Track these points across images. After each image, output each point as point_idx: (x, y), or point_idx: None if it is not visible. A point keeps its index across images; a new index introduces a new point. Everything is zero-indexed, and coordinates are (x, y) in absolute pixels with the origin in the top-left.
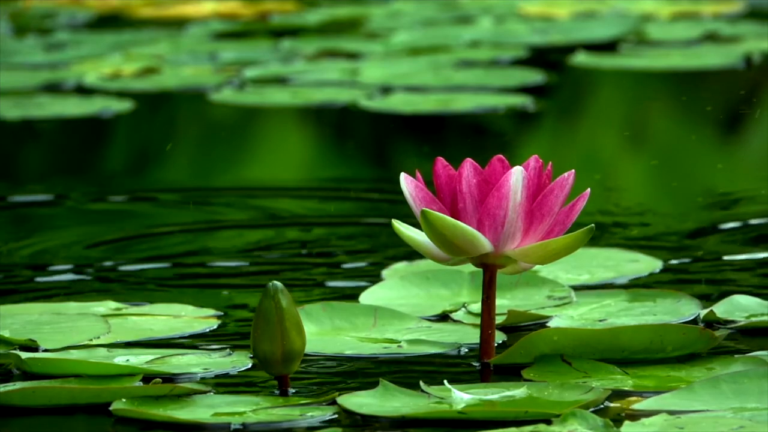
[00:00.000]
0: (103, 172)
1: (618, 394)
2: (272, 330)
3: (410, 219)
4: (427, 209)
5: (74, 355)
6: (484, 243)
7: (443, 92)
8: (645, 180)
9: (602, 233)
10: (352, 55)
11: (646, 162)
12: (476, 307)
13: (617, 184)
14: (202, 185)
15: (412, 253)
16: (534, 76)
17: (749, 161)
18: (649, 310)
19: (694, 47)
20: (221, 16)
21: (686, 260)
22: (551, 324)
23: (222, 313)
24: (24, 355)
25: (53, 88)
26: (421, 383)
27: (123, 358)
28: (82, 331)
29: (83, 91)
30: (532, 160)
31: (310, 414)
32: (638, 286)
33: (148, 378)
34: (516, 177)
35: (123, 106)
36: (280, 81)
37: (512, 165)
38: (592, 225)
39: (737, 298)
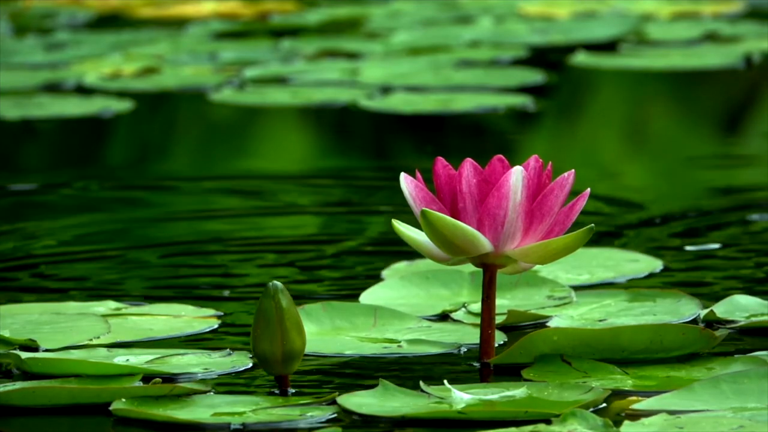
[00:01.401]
0: (102, 170)
1: (618, 394)
2: (272, 330)
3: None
4: (427, 209)
5: (74, 355)
6: (484, 243)
7: (443, 92)
8: (645, 179)
9: (602, 233)
10: (352, 55)
11: (646, 161)
12: (476, 307)
13: (617, 183)
14: (199, 183)
15: (412, 253)
16: (534, 76)
17: (749, 161)
18: (649, 310)
19: (694, 47)
20: (221, 16)
21: (686, 259)
22: (551, 324)
23: (221, 313)
24: (24, 355)
25: (53, 88)
26: (421, 383)
27: (123, 358)
28: (82, 331)
29: (83, 91)
30: (532, 160)
31: (310, 414)
32: (638, 285)
33: (148, 378)
34: (516, 177)
35: (123, 106)
36: (280, 81)
37: (512, 165)
38: (592, 225)
39: (737, 298)
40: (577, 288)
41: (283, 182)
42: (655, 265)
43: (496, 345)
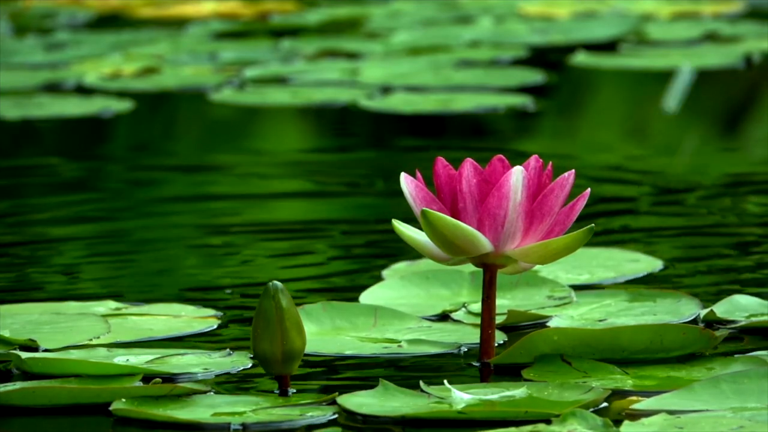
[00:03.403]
0: (102, 169)
1: (618, 394)
2: (272, 330)
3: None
4: (427, 209)
5: (74, 355)
6: (485, 243)
7: (443, 92)
8: (644, 179)
9: (603, 233)
10: (352, 55)
11: (646, 161)
12: (476, 307)
13: (617, 183)
14: (198, 181)
15: (412, 253)
16: (534, 76)
17: (749, 160)
18: (649, 310)
19: (694, 47)
20: (221, 16)
21: (686, 259)
22: (551, 324)
23: (221, 313)
24: (24, 355)
25: (53, 88)
26: (421, 383)
27: (123, 358)
28: (82, 331)
29: (83, 91)
30: (532, 160)
31: (310, 414)
32: (638, 285)
33: (148, 378)
34: (516, 177)
35: (123, 106)
36: (280, 81)
37: (512, 165)
38: (592, 225)
39: (737, 298)
40: (577, 288)
41: (283, 182)
42: (655, 265)
43: (496, 345)
